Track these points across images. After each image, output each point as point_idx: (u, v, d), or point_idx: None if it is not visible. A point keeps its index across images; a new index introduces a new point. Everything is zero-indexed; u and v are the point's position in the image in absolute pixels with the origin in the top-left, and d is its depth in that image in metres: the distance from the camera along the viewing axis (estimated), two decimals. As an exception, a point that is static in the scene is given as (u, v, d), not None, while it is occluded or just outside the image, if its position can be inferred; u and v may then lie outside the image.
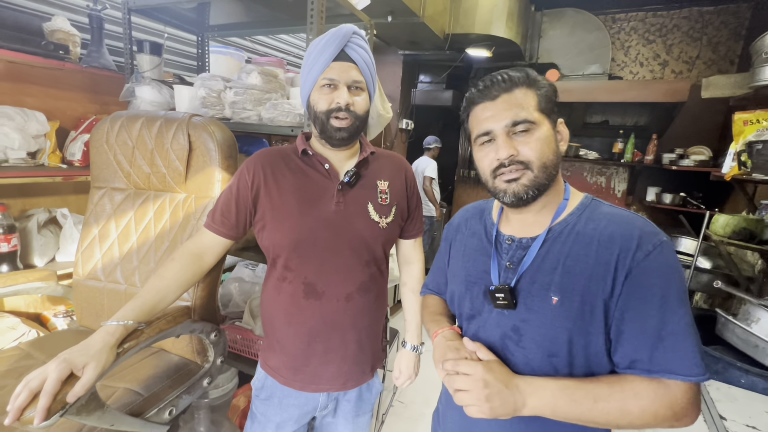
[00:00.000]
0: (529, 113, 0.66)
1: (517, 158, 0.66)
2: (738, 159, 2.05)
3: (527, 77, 0.68)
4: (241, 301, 1.72)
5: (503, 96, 0.67)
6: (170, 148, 1.15)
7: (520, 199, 0.68)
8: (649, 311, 0.60)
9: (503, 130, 0.66)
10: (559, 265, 0.66)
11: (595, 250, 0.64)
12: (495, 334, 0.71)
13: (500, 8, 3.06)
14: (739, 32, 3.31)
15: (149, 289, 0.90)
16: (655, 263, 0.60)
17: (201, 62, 1.98)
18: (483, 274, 0.76)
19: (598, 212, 0.68)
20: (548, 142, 0.67)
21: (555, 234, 0.69)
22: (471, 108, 0.72)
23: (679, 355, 0.58)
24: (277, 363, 1.04)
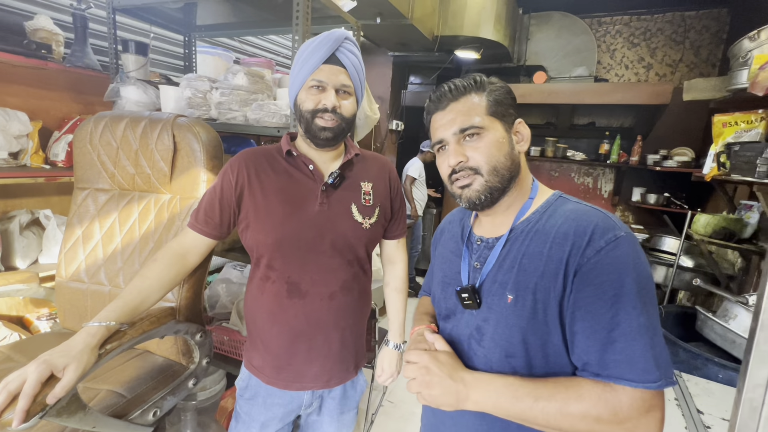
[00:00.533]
0: (476, 120, 0.67)
1: (467, 164, 0.68)
2: (717, 160, 2.11)
3: (475, 83, 0.69)
4: (229, 302, 1.71)
5: (451, 105, 0.69)
6: (155, 148, 1.15)
7: (474, 204, 0.70)
8: (599, 310, 0.57)
9: (453, 137, 0.68)
10: (516, 263, 0.67)
11: (549, 248, 0.63)
12: (464, 333, 0.73)
13: (488, 11, 3.10)
14: (720, 36, 3.40)
15: (131, 290, 0.89)
16: (606, 259, 0.58)
17: (188, 62, 1.97)
18: (456, 275, 0.78)
19: (560, 210, 0.68)
20: (499, 146, 0.68)
21: (517, 233, 0.69)
22: (429, 118, 0.75)
23: (628, 359, 0.55)
24: (260, 362, 1.04)
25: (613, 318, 0.56)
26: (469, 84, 0.69)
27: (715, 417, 1.16)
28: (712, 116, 2.87)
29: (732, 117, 2.11)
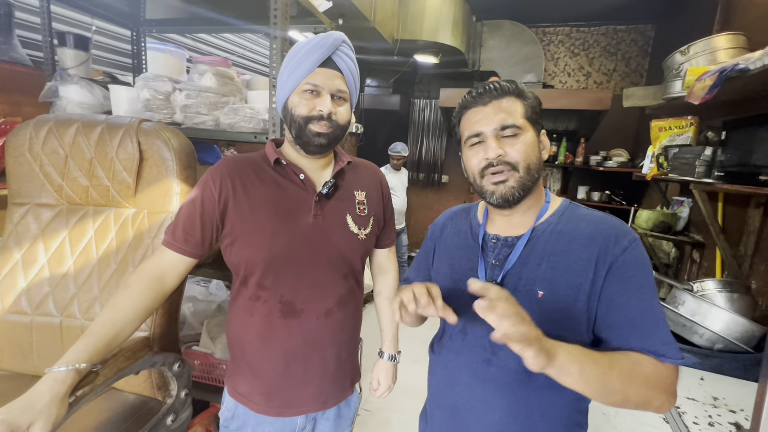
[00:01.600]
0: (516, 119, 0.71)
1: (505, 158, 0.71)
2: (657, 161, 2.34)
3: (516, 88, 0.74)
4: (197, 322, 1.57)
5: (494, 102, 0.72)
6: (116, 157, 1.01)
7: (506, 201, 0.72)
8: (631, 300, 0.65)
9: (492, 132, 0.71)
10: (543, 261, 0.71)
11: (577, 248, 0.69)
12: (483, 329, 0.74)
13: (446, 16, 3.17)
14: (646, 49, 3.79)
15: (103, 323, 0.77)
16: (631, 257, 0.66)
17: (137, 60, 1.78)
18: (468, 270, 0.79)
19: (576, 214, 0.75)
20: (533, 147, 0.73)
21: (538, 233, 0.74)
22: (463, 112, 0.77)
23: (663, 341, 0.63)
24: (248, 389, 0.96)
25: (644, 306, 0.65)
26: (512, 87, 0.73)
27: (681, 397, 1.27)
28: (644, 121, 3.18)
29: (666, 122, 2.35)
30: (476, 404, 0.75)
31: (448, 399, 0.80)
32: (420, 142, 4.59)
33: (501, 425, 0.72)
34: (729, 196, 2.07)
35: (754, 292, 1.77)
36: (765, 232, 1.79)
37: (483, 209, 0.87)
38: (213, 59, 1.88)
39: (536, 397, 0.71)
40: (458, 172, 4.54)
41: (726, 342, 1.52)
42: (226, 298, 1.71)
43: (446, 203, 4.65)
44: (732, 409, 1.22)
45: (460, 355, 0.78)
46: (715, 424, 1.14)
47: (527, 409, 0.71)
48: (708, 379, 1.41)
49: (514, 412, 0.71)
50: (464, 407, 0.76)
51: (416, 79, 4.57)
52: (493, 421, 0.73)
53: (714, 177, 1.67)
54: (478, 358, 0.75)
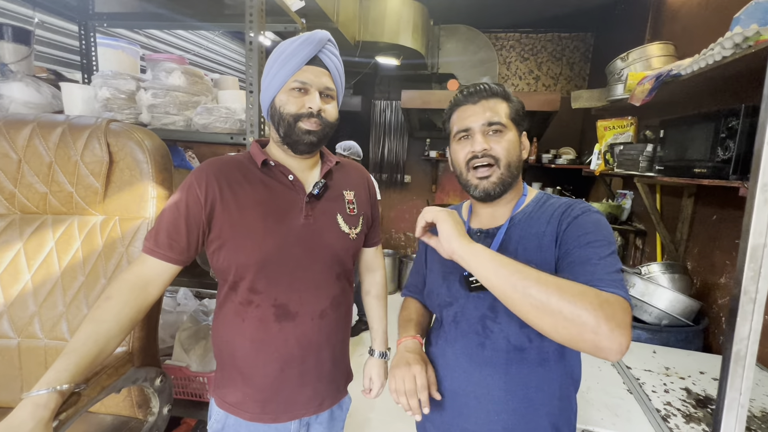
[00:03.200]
0: (502, 118, 0.78)
1: (489, 152, 0.77)
2: (603, 158, 2.56)
3: (503, 91, 0.81)
4: (167, 335, 1.47)
5: (482, 102, 0.79)
6: (81, 161, 0.93)
7: (488, 195, 0.80)
8: (583, 250, 0.67)
9: (480, 128, 0.78)
10: (518, 245, 0.78)
11: (544, 227, 0.76)
12: (474, 316, 0.80)
13: (405, 19, 3.24)
14: (587, 56, 4.11)
15: (85, 339, 0.71)
16: (587, 219, 0.72)
17: (86, 57, 1.64)
18: (457, 264, 0.82)
19: (548, 202, 0.82)
20: (514, 146, 0.80)
21: (515, 221, 0.81)
22: (455, 109, 0.83)
23: (614, 281, 0.62)
24: (239, 398, 0.93)
25: (598, 251, 0.67)
26: (500, 90, 0.80)
27: (639, 370, 1.41)
28: (589, 121, 3.45)
29: (610, 122, 2.58)
30: (475, 387, 0.79)
31: (447, 386, 0.83)
32: (382, 143, 4.64)
33: (501, 403, 0.77)
34: (665, 188, 2.31)
35: (691, 271, 2.00)
36: (696, 218, 2.03)
37: (467, 208, 0.94)
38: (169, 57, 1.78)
39: (530, 373, 0.76)
40: (420, 171, 4.64)
41: (671, 318, 1.70)
42: (196, 307, 1.63)
43: (409, 203, 4.74)
44: (681, 376, 1.37)
45: (456, 343, 0.83)
46: (670, 390, 1.28)
47: (523, 385, 0.76)
48: (659, 351, 1.58)
49: (512, 389, 0.76)
50: (464, 392, 0.80)
51: (376, 81, 4.61)
52: (493, 401, 0.77)
53: (655, 171, 1.87)
54: (472, 343, 0.80)
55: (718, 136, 1.40)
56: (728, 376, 0.58)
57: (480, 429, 0.79)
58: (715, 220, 1.88)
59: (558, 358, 0.78)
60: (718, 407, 0.63)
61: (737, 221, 1.70)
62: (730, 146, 1.35)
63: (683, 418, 1.13)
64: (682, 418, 1.13)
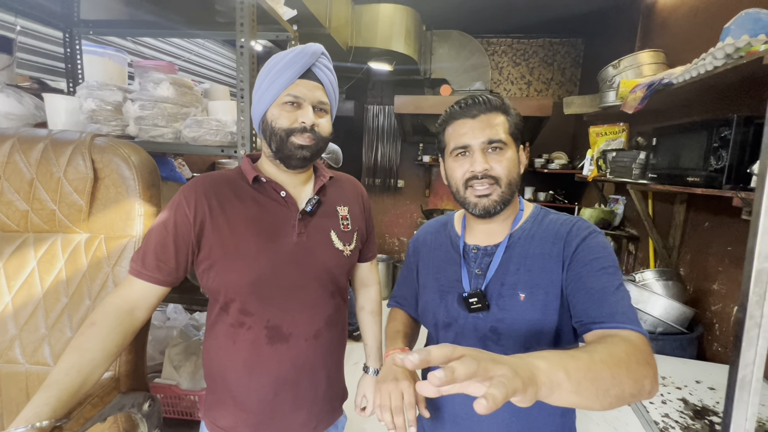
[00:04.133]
0: (502, 135, 0.74)
1: (490, 173, 0.74)
2: (596, 164, 2.57)
3: (503, 104, 0.77)
4: (156, 352, 1.43)
5: (482, 116, 0.75)
6: (64, 177, 0.89)
7: (488, 213, 0.76)
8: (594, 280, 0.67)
9: (480, 146, 0.74)
10: (521, 266, 0.75)
11: (548, 248, 0.74)
12: (475, 337, 0.77)
13: (398, 25, 3.23)
14: (578, 61, 4.14)
15: (67, 370, 0.68)
16: (592, 243, 0.71)
17: (71, 65, 1.59)
18: (455, 282, 0.82)
19: (547, 218, 0.80)
20: (514, 164, 0.77)
21: (514, 240, 0.78)
22: (450, 122, 0.78)
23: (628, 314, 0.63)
24: (232, 422, 0.90)
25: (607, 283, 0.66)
26: (499, 103, 0.76)
27: (636, 380, 1.40)
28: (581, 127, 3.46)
29: (603, 128, 2.59)
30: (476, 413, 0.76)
31: (448, 411, 0.81)
32: (375, 148, 4.62)
33: (505, 425, 0.75)
34: (657, 194, 2.33)
35: (684, 278, 2.01)
36: (689, 225, 2.04)
37: (460, 220, 0.90)
38: (158, 64, 1.75)
39: None
40: (414, 176, 4.63)
41: (666, 325, 1.70)
42: (186, 322, 1.59)
43: (402, 207, 4.72)
44: (678, 386, 1.37)
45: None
46: (667, 401, 1.27)
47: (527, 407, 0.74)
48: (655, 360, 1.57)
49: (516, 410, 0.74)
50: (467, 415, 0.78)
51: (369, 86, 4.60)
52: (497, 423, 0.75)
53: (648, 178, 1.87)
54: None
55: (711, 146, 1.41)
56: (734, 402, 0.57)
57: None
58: (707, 227, 1.89)
59: None
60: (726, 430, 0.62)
61: (729, 228, 1.71)
62: (723, 156, 1.36)
63: (681, 430, 1.12)
64: (680, 430, 1.12)
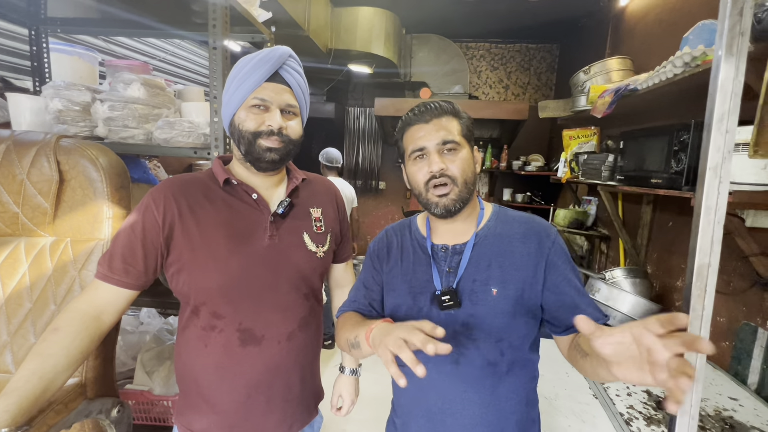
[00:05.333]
0: (455, 136, 0.78)
1: (446, 172, 0.77)
2: (569, 166, 2.65)
3: (453, 108, 0.81)
4: (128, 357, 1.40)
5: (434, 120, 0.78)
6: (27, 179, 0.87)
7: (449, 211, 0.79)
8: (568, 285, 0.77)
9: (435, 147, 0.77)
10: (491, 262, 0.79)
11: (517, 246, 0.79)
12: (448, 333, 0.77)
13: (378, 28, 3.25)
14: (553, 66, 4.27)
15: (28, 377, 0.66)
16: (558, 247, 0.79)
17: (37, 63, 1.55)
18: (426, 282, 0.84)
19: (508, 216, 0.85)
20: (469, 163, 0.80)
21: (481, 237, 0.82)
22: (406, 128, 0.82)
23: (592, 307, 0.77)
24: (205, 425, 0.90)
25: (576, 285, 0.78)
26: (450, 107, 0.80)
27: (604, 374, 1.46)
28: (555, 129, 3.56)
29: (575, 132, 2.68)
30: (451, 405, 0.79)
31: (422, 406, 0.83)
32: (356, 150, 4.63)
33: (477, 417, 0.78)
34: (627, 195, 2.43)
35: (651, 276, 2.09)
36: (655, 225, 2.13)
37: (423, 222, 0.90)
38: (131, 63, 1.71)
39: (501, 384, 0.78)
40: (395, 178, 4.67)
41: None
42: (160, 326, 1.56)
43: (384, 209, 4.75)
44: (643, 379, 1.43)
45: (428, 363, 0.80)
46: (632, 393, 1.33)
47: (496, 397, 0.78)
48: (623, 355, 1.64)
49: (486, 402, 0.77)
50: (439, 410, 0.80)
51: (350, 88, 4.61)
52: (469, 416, 0.78)
53: (616, 180, 1.95)
54: (446, 360, 0.79)
55: (672, 149, 1.48)
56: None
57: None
58: (671, 227, 1.98)
59: (524, 363, 0.81)
60: (671, 418, 0.65)
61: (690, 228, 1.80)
62: (682, 159, 1.43)
63: (644, 420, 1.17)
64: (643, 420, 1.17)
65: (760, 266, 1.36)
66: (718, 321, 1.56)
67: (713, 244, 0.58)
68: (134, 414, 1.30)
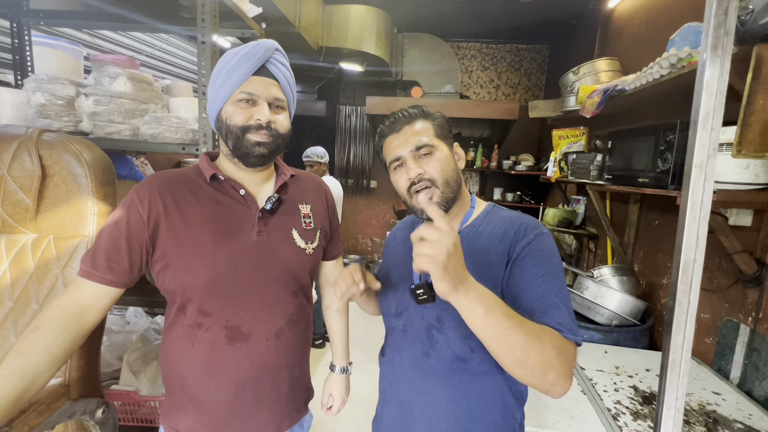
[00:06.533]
0: (429, 139, 0.79)
1: (425, 176, 0.78)
2: (559, 166, 2.68)
3: (422, 112, 0.82)
4: (114, 357, 1.38)
5: (405, 128, 0.80)
6: (8, 174, 0.84)
7: None
8: (535, 287, 0.71)
9: (410, 154, 0.78)
10: (466, 260, 0.77)
11: (494, 245, 0.77)
12: (421, 326, 0.81)
13: (369, 26, 3.25)
14: (543, 67, 4.31)
15: (8, 376, 0.65)
16: (536, 248, 0.73)
17: (19, 56, 1.50)
18: (407, 274, 0.86)
19: (497, 215, 0.83)
20: (448, 162, 0.80)
21: (464, 235, 0.82)
22: (382, 141, 0.84)
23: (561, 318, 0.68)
24: (191, 424, 0.88)
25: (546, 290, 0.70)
26: (419, 112, 0.81)
27: (592, 370, 1.48)
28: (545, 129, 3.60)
29: (564, 132, 2.71)
30: (419, 396, 0.80)
31: (394, 394, 0.85)
32: (348, 149, 4.62)
33: (443, 411, 0.78)
34: (614, 195, 2.46)
35: (637, 273, 2.13)
36: (642, 224, 2.17)
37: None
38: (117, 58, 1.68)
39: (473, 383, 0.78)
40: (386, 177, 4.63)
41: (620, 318, 1.80)
42: (147, 326, 1.54)
43: (376, 208, 4.74)
44: (630, 375, 1.46)
45: (402, 352, 0.84)
46: (619, 389, 1.35)
47: (466, 395, 0.78)
48: (610, 351, 1.66)
49: (454, 398, 0.77)
50: (408, 400, 0.82)
51: (341, 86, 4.59)
52: (435, 409, 0.79)
53: (604, 179, 1.98)
54: (417, 352, 0.81)
55: (658, 149, 1.51)
56: (665, 382, 0.62)
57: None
58: (657, 225, 2.01)
59: (500, 370, 0.79)
60: (658, 411, 0.66)
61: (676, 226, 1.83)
62: (668, 158, 1.45)
63: (631, 415, 1.19)
64: (630, 415, 1.19)
65: (743, 263, 1.39)
66: (702, 318, 1.60)
67: (698, 240, 0.59)
68: (120, 415, 1.27)
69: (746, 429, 1.14)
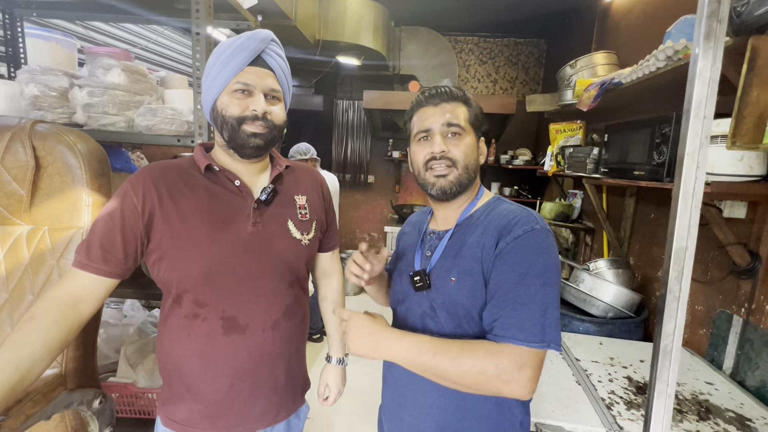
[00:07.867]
0: (461, 121, 0.79)
1: (447, 155, 0.78)
2: (555, 160, 2.69)
3: (464, 95, 0.82)
4: (111, 350, 1.38)
5: (443, 104, 0.80)
6: (1, 165, 0.84)
7: (444, 193, 0.80)
8: (508, 284, 0.69)
9: (439, 129, 0.79)
10: (458, 251, 0.79)
11: (486, 239, 0.75)
12: (417, 312, 0.83)
13: (366, 20, 3.23)
14: (541, 61, 4.30)
15: (2, 366, 0.65)
16: (521, 245, 0.70)
17: (12, 48, 1.49)
18: (411, 262, 0.88)
19: (497, 209, 0.81)
20: (472, 150, 0.81)
21: (460, 228, 0.83)
22: (416, 110, 0.83)
23: (519, 322, 0.66)
24: (188, 414, 0.89)
25: (515, 290, 0.68)
26: (461, 94, 0.81)
27: (587, 361, 1.49)
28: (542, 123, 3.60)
29: (561, 125, 2.71)
30: (411, 381, 0.82)
31: (392, 377, 0.88)
32: (345, 143, 4.60)
33: (432, 397, 0.80)
34: (611, 188, 2.47)
35: (633, 266, 2.14)
36: (637, 217, 2.18)
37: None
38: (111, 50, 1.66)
39: None
40: (384, 172, 4.66)
41: (616, 310, 1.82)
42: (144, 319, 1.54)
43: (373, 203, 4.74)
44: (624, 365, 1.47)
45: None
46: (614, 379, 1.36)
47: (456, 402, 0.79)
48: (605, 343, 1.68)
49: (442, 387, 0.76)
50: (403, 383, 0.84)
51: (338, 80, 4.57)
52: (425, 394, 0.81)
53: (600, 173, 1.98)
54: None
55: (654, 141, 1.51)
56: (657, 369, 0.63)
57: (414, 420, 0.82)
58: (653, 219, 2.02)
59: None
60: (649, 397, 0.67)
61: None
62: (663, 151, 1.46)
63: (625, 405, 1.21)
64: (624, 405, 1.21)
65: (736, 255, 1.40)
66: (696, 309, 1.61)
67: (690, 228, 0.60)
68: (118, 407, 1.28)
69: (737, 417, 1.16)
